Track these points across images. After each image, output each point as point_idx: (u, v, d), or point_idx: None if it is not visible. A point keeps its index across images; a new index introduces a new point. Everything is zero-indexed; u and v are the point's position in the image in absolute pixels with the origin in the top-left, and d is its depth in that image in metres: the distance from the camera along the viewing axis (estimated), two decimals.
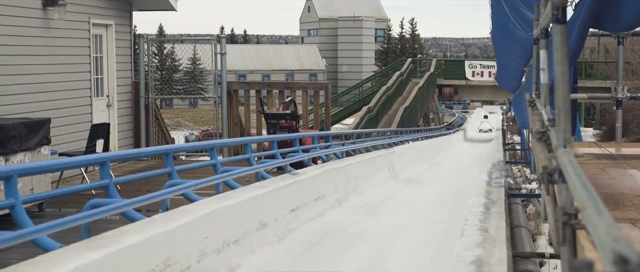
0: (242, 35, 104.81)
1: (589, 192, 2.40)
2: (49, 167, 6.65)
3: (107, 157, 6.55)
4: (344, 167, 11.19)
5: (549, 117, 5.37)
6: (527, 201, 18.29)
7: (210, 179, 7.60)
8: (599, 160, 8.04)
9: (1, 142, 8.26)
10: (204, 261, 6.10)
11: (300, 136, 12.42)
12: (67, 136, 12.15)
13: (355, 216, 9.94)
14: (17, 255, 5.94)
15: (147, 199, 6.19)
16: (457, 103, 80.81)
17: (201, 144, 9.97)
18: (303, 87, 17.62)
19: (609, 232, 1.84)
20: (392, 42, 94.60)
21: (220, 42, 15.78)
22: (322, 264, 7.12)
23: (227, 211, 6.72)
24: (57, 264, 4.28)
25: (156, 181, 9.37)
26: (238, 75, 75.02)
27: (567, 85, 3.87)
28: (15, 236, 4.55)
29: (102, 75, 13.98)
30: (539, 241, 13.39)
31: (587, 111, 55.43)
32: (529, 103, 8.02)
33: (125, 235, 5.14)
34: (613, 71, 43.61)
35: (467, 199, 10.54)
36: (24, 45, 11.51)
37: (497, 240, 6.26)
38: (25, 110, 11.11)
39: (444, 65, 48.21)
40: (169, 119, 42.13)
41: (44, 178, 9.08)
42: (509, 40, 14.29)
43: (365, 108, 29.14)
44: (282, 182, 8.58)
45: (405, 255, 7.63)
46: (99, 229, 5.66)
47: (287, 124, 14.19)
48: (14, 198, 5.01)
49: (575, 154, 3.61)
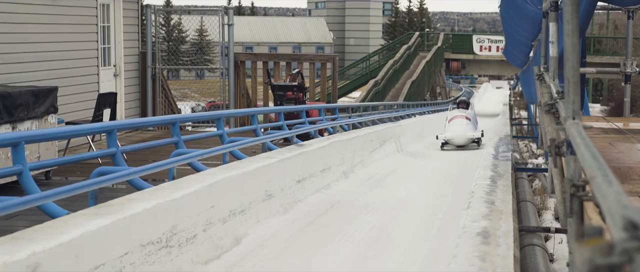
0: (249, 7, 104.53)
1: (598, 162, 2.39)
2: (57, 134, 6.66)
3: (114, 125, 6.55)
4: (350, 140, 11.19)
5: (558, 90, 5.35)
6: (533, 176, 18.28)
7: (217, 149, 7.60)
8: (606, 134, 8.02)
9: (8, 110, 8.27)
10: (210, 230, 6.12)
11: (307, 107, 12.40)
12: (74, 105, 12.16)
13: (361, 188, 9.95)
14: (24, 222, 5.96)
15: (154, 168, 6.20)
16: (464, 78, 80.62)
17: (208, 114, 9.97)
18: (310, 59, 17.59)
19: (618, 199, 1.84)
20: (399, 15, 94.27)
21: (227, 14, 15.74)
22: (328, 235, 7.13)
23: (233, 181, 6.73)
24: (64, 230, 4.29)
25: (162, 151, 9.39)
26: (245, 48, 74.87)
27: (577, 57, 3.85)
28: (22, 201, 4.56)
29: (109, 44, 13.97)
30: (545, 215, 13.38)
31: (595, 87, 55.26)
32: (538, 76, 7.99)
33: (132, 203, 5.16)
34: (622, 47, 43.42)
35: (473, 172, 10.54)
36: (31, 13, 11.50)
37: (504, 212, 6.26)
38: (32, 79, 11.11)
39: (452, 40, 48.06)
40: (176, 90, 42.18)
41: (50, 146, 9.10)
42: (517, 15, 14.22)
43: (372, 81, 29.08)
44: (288, 153, 8.58)
45: (411, 227, 7.64)
46: (106, 197, 5.67)
47: (294, 96, 14.16)
48: (21, 164, 5.02)
49: (583, 126, 3.60)
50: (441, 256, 6.07)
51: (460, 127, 16.59)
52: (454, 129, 16.44)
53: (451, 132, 16.33)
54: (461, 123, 16.72)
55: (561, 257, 9.76)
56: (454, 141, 16.17)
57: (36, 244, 3.96)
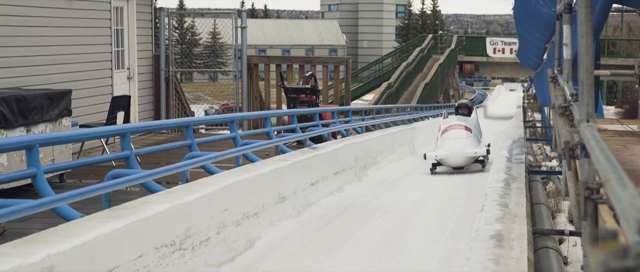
0: (262, 10, 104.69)
1: (613, 165, 2.38)
2: (71, 137, 6.69)
3: (128, 128, 6.58)
4: (363, 142, 11.19)
5: (572, 92, 5.33)
6: (546, 179, 18.21)
7: (230, 152, 7.61)
8: (621, 137, 7.99)
9: (23, 113, 8.30)
10: (224, 233, 6.13)
11: (320, 110, 12.41)
12: (88, 108, 12.20)
13: (374, 190, 9.94)
14: (38, 224, 5.98)
15: (168, 170, 6.22)
16: (477, 80, 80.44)
17: (221, 117, 10.00)
18: (323, 62, 17.60)
19: (633, 202, 1.83)
20: (412, 18, 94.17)
21: (240, 16, 15.77)
22: (341, 238, 7.13)
23: (246, 184, 6.74)
24: (78, 233, 4.31)
25: (176, 154, 9.41)
26: (258, 50, 74.97)
27: (591, 59, 3.84)
28: (37, 204, 4.58)
29: (123, 47, 14.01)
30: (559, 218, 13.32)
31: (609, 89, 55.03)
32: (551, 79, 7.96)
33: (146, 206, 5.17)
34: (636, 49, 43.25)
35: (486, 174, 10.52)
36: (45, 16, 11.55)
37: (518, 215, 6.24)
38: (46, 82, 11.16)
39: (465, 42, 47.94)
40: (189, 93, 42.22)
41: (64, 149, 9.13)
42: (531, 17, 14.17)
43: (385, 84, 29.07)
44: (301, 156, 8.58)
45: (424, 230, 7.63)
46: (119, 200, 5.69)
47: (307, 99, 14.17)
48: (36, 167, 5.04)
49: (597, 129, 3.58)
50: (455, 259, 6.06)
51: (457, 141, 12.45)
52: (448, 145, 12.39)
53: (445, 149, 12.33)
54: (459, 136, 12.60)
55: (575, 260, 9.71)
56: (448, 162, 12.27)
57: (51, 247, 3.97)
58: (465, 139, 12.51)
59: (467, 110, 13.93)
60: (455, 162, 12.22)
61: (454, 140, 12.45)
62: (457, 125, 12.94)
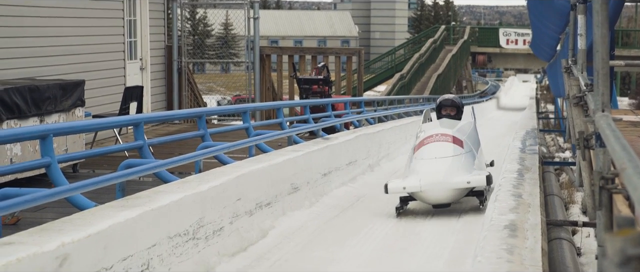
0: (274, 1, 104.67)
1: (629, 154, 2.37)
2: (84, 126, 6.71)
3: (141, 118, 6.59)
4: (376, 133, 11.17)
5: (587, 82, 5.30)
6: (560, 170, 18.16)
7: (243, 142, 7.62)
8: (635, 127, 7.94)
9: (36, 103, 8.33)
10: (237, 223, 6.14)
11: (332, 101, 12.39)
12: (101, 99, 12.23)
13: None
14: (52, 214, 6.01)
15: (181, 160, 6.23)
16: (490, 71, 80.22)
17: (234, 107, 10.01)
18: (336, 53, 17.56)
19: None
20: (425, 9, 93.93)
21: (253, 7, 15.75)
22: (354, 228, 7.13)
23: (259, 174, 6.74)
24: (92, 222, 4.32)
25: (188, 144, 9.42)
26: (270, 41, 74.91)
27: (607, 48, 3.82)
28: (51, 193, 4.60)
29: (136, 38, 14.03)
30: (572, 209, 13.31)
31: (623, 81, 54.78)
32: (566, 69, 7.93)
33: (159, 195, 5.18)
34: None
35: (500, 165, 10.48)
36: (58, 7, 11.57)
37: (531, 205, 6.22)
38: (59, 73, 11.18)
39: (478, 33, 47.77)
40: (201, 83, 42.28)
41: (78, 139, 9.16)
42: (545, 7, 14.11)
43: (398, 75, 29.00)
44: (314, 146, 8.58)
45: (438, 219, 7.62)
46: (133, 190, 5.70)
47: (319, 90, 14.15)
48: (50, 157, 5.05)
49: (613, 119, 3.56)
50: (468, 249, 6.05)
51: (439, 163, 7.81)
52: (425, 169, 7.77)
53: (419, 177, 7.68)
54: (442, 153, 7.93)
55: (588, 251, 9.69)
56: (424, 196, 7.67)
57: (65, 236, 3.99)
58: (452, 159, 7.86)
59: (455, 110, 9.00)
60: (435, 197, 7.64)
61: (433, 160, 7.85)
62: (440, 136, 8.15)
